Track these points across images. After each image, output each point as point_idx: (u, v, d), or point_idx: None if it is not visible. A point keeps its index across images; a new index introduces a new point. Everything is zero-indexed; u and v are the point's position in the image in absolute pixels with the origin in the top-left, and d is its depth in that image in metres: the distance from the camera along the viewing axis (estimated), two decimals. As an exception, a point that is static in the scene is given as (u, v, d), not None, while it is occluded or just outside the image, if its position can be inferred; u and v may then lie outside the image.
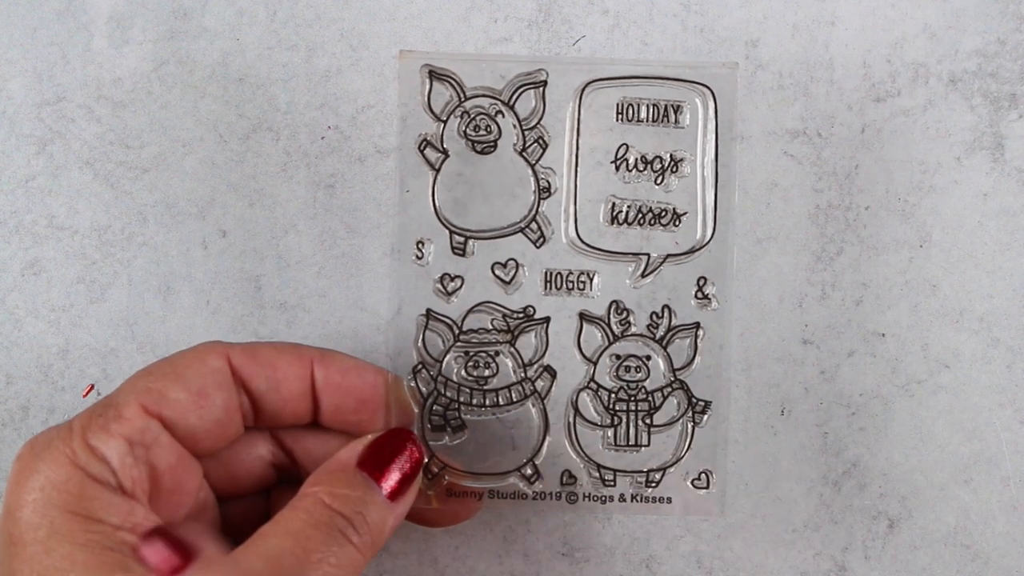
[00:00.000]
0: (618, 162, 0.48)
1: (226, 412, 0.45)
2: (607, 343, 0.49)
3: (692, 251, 0.48)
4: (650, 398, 0.48)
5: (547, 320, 0.48)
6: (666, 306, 0.49)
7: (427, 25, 0.54)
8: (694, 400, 0.49)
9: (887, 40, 0.54)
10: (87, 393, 0.54)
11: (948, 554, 0.54)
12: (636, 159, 0.48)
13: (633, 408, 0.48)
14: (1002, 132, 0.54)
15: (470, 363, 0.48)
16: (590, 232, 0.49)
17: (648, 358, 0.49)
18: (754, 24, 0.54)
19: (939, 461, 0.54)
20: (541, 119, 0.48)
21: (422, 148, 0.48)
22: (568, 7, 0.54)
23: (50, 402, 0.54)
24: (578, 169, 0.48)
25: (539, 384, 0.48)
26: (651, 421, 0.48)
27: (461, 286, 0.48)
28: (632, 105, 0.48)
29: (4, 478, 0.53)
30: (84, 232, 0.54)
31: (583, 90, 0.48)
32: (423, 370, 0.48)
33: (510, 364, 0.48)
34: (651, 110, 0.48)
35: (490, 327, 0.48)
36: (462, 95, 0.48)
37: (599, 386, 0.49)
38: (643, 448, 0.49)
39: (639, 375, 0.49)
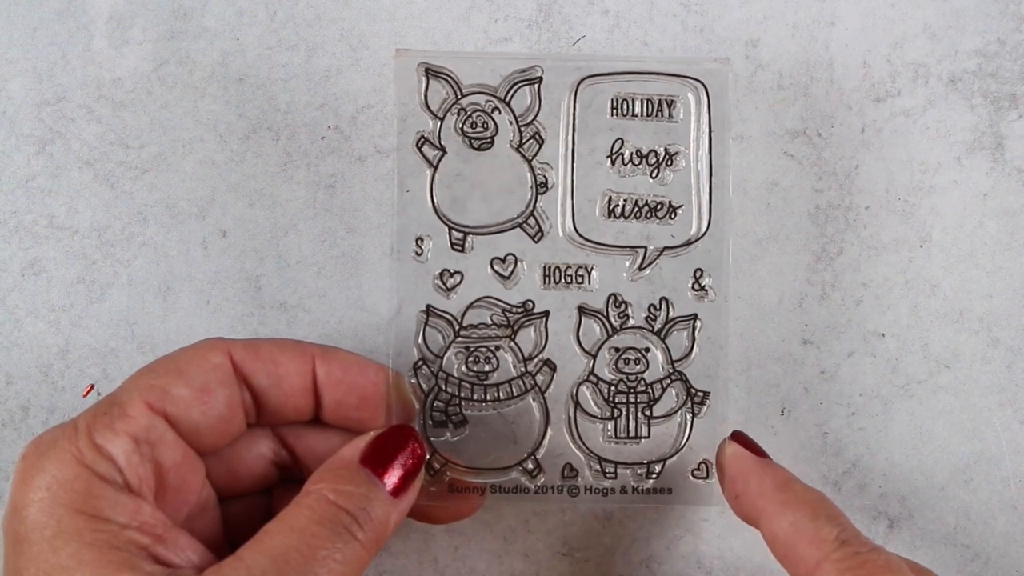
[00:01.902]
0: (613, 156, 0.49)
1: (229, 408, 0.45)
2: (606, 336, 0.49)
3: (688, 243, 0.49)
4: (649, 390, 0.49)
5: (546, 314, 0.48)
6: (664, 298, 0.49)
7: (427, 25, 0.54)
8: (693, 391, 0.49)
9: (887, 40, 0.54)
10: (87, 393, 0.54)
11: (948, 554, 0.53)
12: (631, 153, 0.49)
13: (633, 400, 0.48)
14: (1002, 132, 0.54)
15: (470, 358, 0.48)
16: (587, 226, 0.49)
17: (647, 350, 0.49)
18: (754, 24, 0.54)
19: (939, 461, 0.54)
20: (537, 115, 0.48)
21: (419, 146, 0.48)
22: (568, 7, 0.54)
23: (50, 402, 0.54)
24: (574, 164, 0.49)
25: (539, 378, 0.48)
26: (651, 413, 0.48)
27: (460, 282, 0.48)
28: (626, 100, 0.49)
29: (4, 478, 0.53)
30: (84, 232, 0.54)
31: (578, 86, 0.48)
32: (424, 366, 0.48)
33: (510, 359, 0.48)
34: (645, 105, 0.49)
35: (490, 322, 0.48)
36: (458, 92, 0.48)
37: (599, 379, 0.49)
38: (643, 440, 0.49)
39: (638, 367, 0.49)
